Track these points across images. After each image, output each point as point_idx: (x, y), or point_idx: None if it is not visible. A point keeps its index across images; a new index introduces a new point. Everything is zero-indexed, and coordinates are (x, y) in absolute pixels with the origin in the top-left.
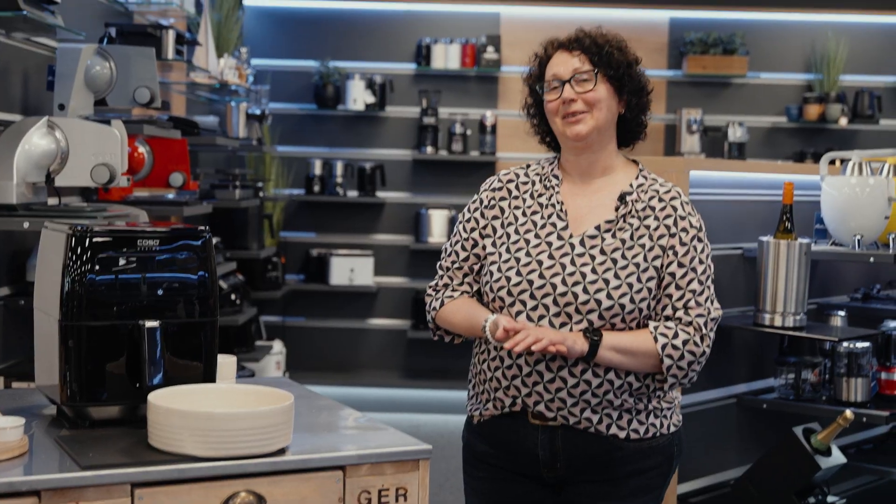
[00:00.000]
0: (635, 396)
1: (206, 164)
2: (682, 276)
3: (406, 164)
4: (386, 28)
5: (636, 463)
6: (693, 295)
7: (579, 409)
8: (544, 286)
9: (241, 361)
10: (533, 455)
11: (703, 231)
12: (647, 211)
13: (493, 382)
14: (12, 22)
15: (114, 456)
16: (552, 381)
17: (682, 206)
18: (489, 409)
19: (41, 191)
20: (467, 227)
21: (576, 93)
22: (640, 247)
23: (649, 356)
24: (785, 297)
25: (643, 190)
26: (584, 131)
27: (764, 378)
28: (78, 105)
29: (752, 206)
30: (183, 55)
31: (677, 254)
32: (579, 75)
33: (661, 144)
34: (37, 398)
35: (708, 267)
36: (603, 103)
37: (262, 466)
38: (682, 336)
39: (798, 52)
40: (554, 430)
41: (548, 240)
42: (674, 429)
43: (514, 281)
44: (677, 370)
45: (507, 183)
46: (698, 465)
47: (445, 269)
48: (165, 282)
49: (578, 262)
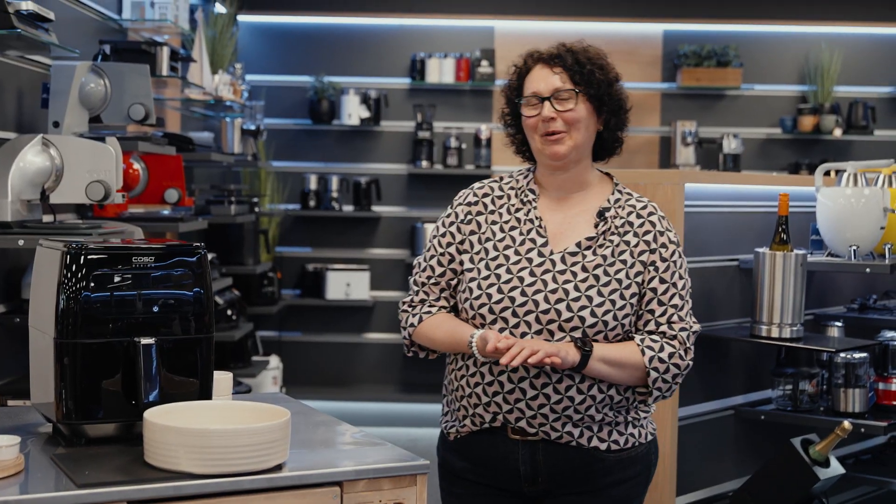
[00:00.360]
0: (615, 409)
1: (201, 180)
2: (664, 292)
3: (401, 178)
4: (380, 43)
5: (617, 473)
6: (675, 310)
7: (561, 423)
8: (526, 303)
9: (237, 377)
10: (514, 470)
11: (680, 246)
12: (626, 227)
13: (472, 399)
14: (6, 40)
15: (110, 474)
16: (535, 398)
17: (660, 222)
18: (466, 426)
19: (36, 208)
20: (443, 241)
21: (556, 111)
22: (622, 263)
23: (636, 368)
24: (782, 308)
25: (620, 206)
26: (563, 151)
27: (761, 389)
28: (72, 122)
29: (747, 217)
30: (177, 72)
31: (658, 269)
32: (560, 94)
33: (657, 157)
34: (32, 416)
35: (687, 282)
36: (582, 123)
37: (258, 483)
38: (667, 350)
39: (792, 64)
40: (535, 445)
41: (528, 256)
42: (650, 437)
43: (495, 298)
44: (662, 383)
45: (483, 197)
46: (696, 478)
47: (421, 285)
48: (161, 298)
49: (560, 279)
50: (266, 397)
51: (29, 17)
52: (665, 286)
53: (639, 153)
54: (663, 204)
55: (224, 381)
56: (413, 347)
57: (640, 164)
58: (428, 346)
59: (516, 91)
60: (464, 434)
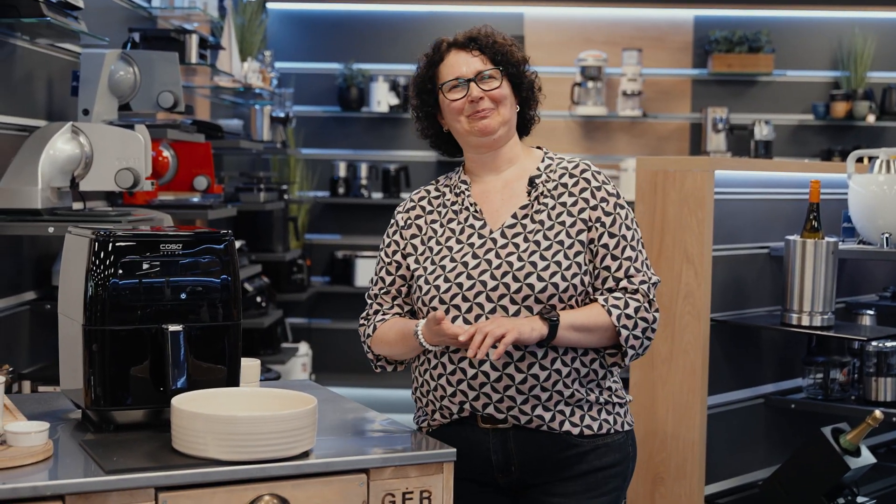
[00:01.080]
0: (586, 386)
1: (230, 167)
2: (615, 247)
3: (430, 165)
4: (409, 30)
5: (592, 461)
6: (630, 262)
7: (530, 406)
8: (474, 285)
9: (266, 364)
10: (486, 460)
11: (621, 197)
12: (559, 189)
13: (437, 391)
14: (36, 28)
15: (138, 460)
16: (499, 379)
17: (595, 177)
18: (437, 419)
19: (66, 195)
20: (388, 251)
21: (483, 91)
22: (560, 224)
23: (605, 329)
24: (812, 296)
25: (552, 170)
26: (494, 125)
27: (792, 378)
28: (102, 110)
29: (778, 204)
30: (206, 59)
31: (605, 224)
32: (483, 75)
33: (687, 144)
34: (62, 402)
35: (636, 231)
36: (507, 100)
37: (285, 470)
38: (632, 305)
39: (825, 50)
40: (505, 433)
41: (469, 241)
42: (628, 427)
43: (443, 288)
44: (634, 339)
45: (420, 201)
46: (726, 466)
47: (374, 297)
48: (189, 285)
49: (503, 254)
50: (294, 384)
51: (58, 6)
52: (615, 240)
53: (669, 140)
54: (692, 191)
55: (252, 368)
56: (379, 362)
57: (671, 150)
58: (387, 353)
59: (430, 79)
60: (435, 427)
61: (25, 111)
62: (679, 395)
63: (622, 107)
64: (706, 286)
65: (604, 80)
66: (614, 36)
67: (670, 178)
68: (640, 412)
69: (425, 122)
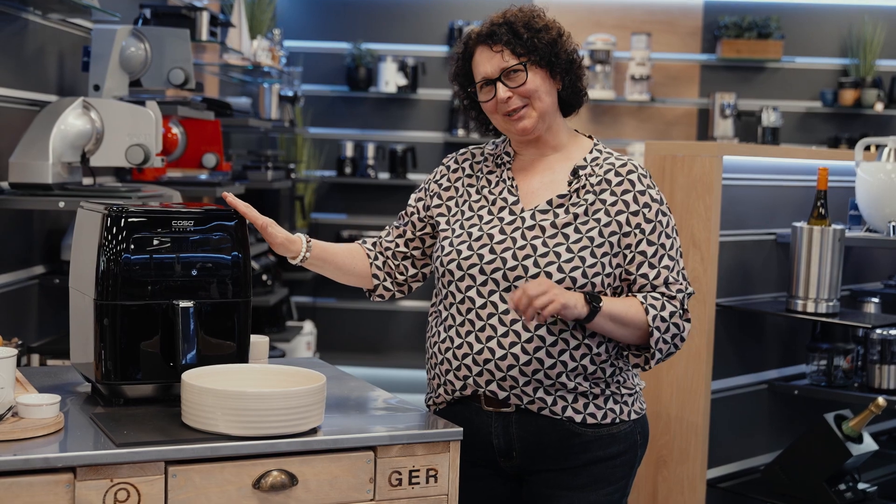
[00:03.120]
0: (591, 381)
1: (238, 145)
2: (653, 255)
3: (437, 146)
4: (418, 10)
5: (595, 451)
6: (668, 271)
7: (532, 388)
8: (494, 260)
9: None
10: (487, 443)
11: (665, 204)
12: (602, 185)
13: (443, 365)
14: (48, 3)
15: (148, 434)
16: (504, 357)
17: (640, 180)
18: (441, 396)
19: (76, 171)
20: (414, 197)
21: (509, 89)
22: (595, 221)
23: (639, 327)
24: (818, 283)
25: (598, 164)
26: (529, 125)
27: (796, 364)
28: (113, 86)
29: (785, 191)
30: (217, 37)
31: (644, 231)
32: (508, 72)
33: (694, 129)
34: (71, 376)
35: (675, 241)
36: (539, 91)
37: (293, 446)
38: (668, 308)
39: (834, 37)
40: (508, 417)
41: (500, 215)
42: (635, 416)
43: (464, 254)
44: (662, 343)
45: (463, 163)
46: (728, 451)
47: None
48: (199, 262)
49: (529, 236)
50: (302, 362)
51: None
52: (653, 248)
53: (676, 125)
54: (700, 176)
55: (261, 344)
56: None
57: (678, 135)
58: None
59: (466, 77)
60: (440, 406)
61: (37, 86)
62: (683, 380)
63: (630, 91)
64: (712, 271)
65: (612, 63)
66: (624, 20)
67: (679, 162)
68: (645, 395)
69: (473, 113)
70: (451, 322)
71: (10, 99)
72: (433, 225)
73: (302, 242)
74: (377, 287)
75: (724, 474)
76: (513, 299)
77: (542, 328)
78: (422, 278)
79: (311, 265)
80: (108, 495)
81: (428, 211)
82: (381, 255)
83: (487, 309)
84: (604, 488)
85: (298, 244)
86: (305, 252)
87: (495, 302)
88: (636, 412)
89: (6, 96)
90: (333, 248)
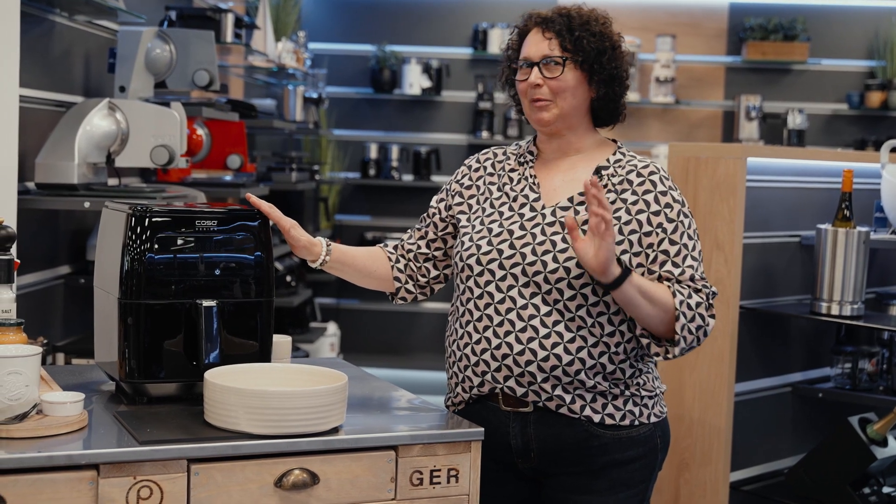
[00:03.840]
0: (610, 381)
1: (263, 146)
2: (676, 254)
3: (461, 148)
4: (443, 12)
5: (614, 453)
6: (692, 270)
7: (550, 385)
8: (514, 256)
9: (295, 342)
10: (506, 444)
11: (686, 206)
12: (624, 185)
13: (462, 361)
14: (74, 5)
15: (171, 431)
16: (521, 353)
17: (662, 181)
18: (459, 395)
19: (101, 171)
20: (436, 198)
21: (543, 78)
22: (616, 219)
23: (665, 310)
24: (843, 285)
25: (620, 165)
26: (547, 118)
27: (820, 367)
28: (138, 87)
29: (810, 193)
30: (241, 38)
31: (666, 231)
32: (548, 61)
33: (719, 131)
34: (96, 374)
35: (697, 243)
36: (569, 92)
37: (315, 445)
38: (695, 298)
39: (860, 39)
40: (526, 417)
41: (520, 211)
42: (655, 419)
43: (483, 249)
44: (687, 332)
45: (485, 162)
46: (752, 453)
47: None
48: (223, 262)
49: (549, 232)
50: (324, 362)
51: None
52: (676, 247)
53: (701, 127)
54: (724, 178)
55: (283, 344)
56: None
57: (703, 138)
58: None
59: (515, 52)
60: (459, 407)
61: (63, 87)
62: (707, 382)
63: (655, 93)
64: (736, 273)
65: (637, 66)
66: (648, 22)
67: (702, 164)
68: (667, 397)
69: (513, 91)
70: (469, 318)
71: (37, 100)
72: (454, 224)
73: (322, 246)
74: (399, 290)
75: (747, 477)
76: (590, 189)
77: (561, 324)
78: (443, 279)
79: (332, 269)
80: (131, 493)
81: (449, 210)
82: (402, 258)
83: (506, 304)
84: (622, 492)
85: (319, 247)
86: (325, 255)
87: (514, 297)
88: (656, 415)
89: (33, 97)
90: (353, 252)
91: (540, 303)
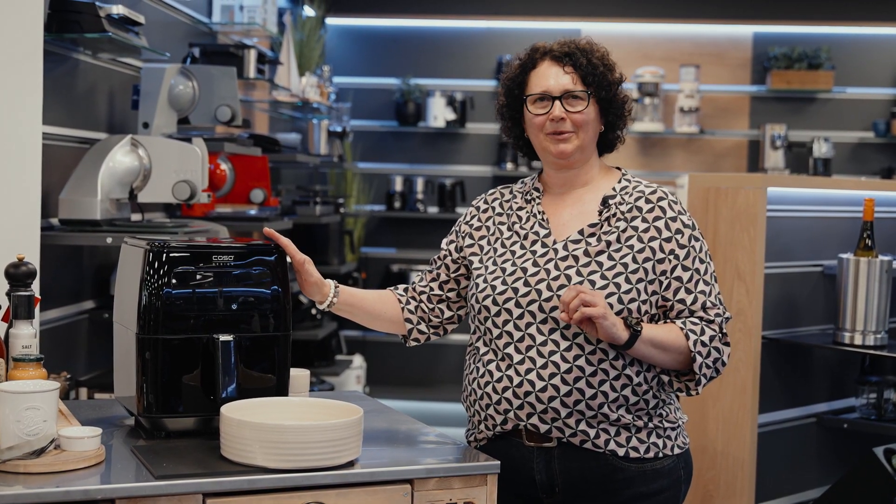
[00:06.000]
0: (633, 413)
1: (288, 180)
2: (689, 280)
3: (486, 180)
4: (466, 45)
5: (638, 486)
6: (705, 296)
7: (574, 420)
8: (529, 293)
9: (321, 375)
10: (530, 479)
11: (696, 229)
12: (633, 212)
13: (483, 400)
14: (98, 43)
15: (187, 466)
16: (544, 389)
17: (671, 207)
18: (483, 431)
19: (125, 207)
20: (446, 241)
21: (566, 112)
22: (629, 248)
23: (680, 352)
24: (865, 315)
25: (627, 192)
26: (569, 150)
27: (845, 397)
28: (161, 123)
29: (832, 222)
30: (264, 74)
31: (679, 257)
32: (569, 95)
33: (745, 161)
34: (117, 409)
35: (709, 265)
36: (590, 125)
37: (331, 479)
38: (708, 332)
39: (885, 67)
40: (550, 452)
41: (532, 248)
42: (678, 451)
43: (499, 290)
44: (705, 368)
45: (493, 202)
46: (777, 485)
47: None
48: (240, 296)
49: (562, 266)
50: (344, 395)
51: (120, 21)
52: (689, 273)
53: (727, 157)
54: (745, 208)
55: (301, 378)
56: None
57: (728, 167)
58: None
59: (519, 85)
60: (482, 443)
61: (87, 124)
62: (730, 413)
63: (679, 123)
64: (757, 303)
65: (661, 96)
66: (672, 52)
67: (722, 194)
68: (690, 429)
69: (509, 123)
70: (490, 357)
71: (61, 137)
72: (467, 266)
73: (331, 287)
74: (411, 331)
75: None
76: (566, 297)
77: (582, 358)
78: (457, 320)
79: (340, 310)
80: None
81: (461, 252)
82: (413, 300)
83: (525, 342)
84: None
85: (328, 288)
86: (333, 297)
87: (533, 334)
88: (679, 447)
89: (57, 134)
90: (362, 294)
91: (559, 338)
